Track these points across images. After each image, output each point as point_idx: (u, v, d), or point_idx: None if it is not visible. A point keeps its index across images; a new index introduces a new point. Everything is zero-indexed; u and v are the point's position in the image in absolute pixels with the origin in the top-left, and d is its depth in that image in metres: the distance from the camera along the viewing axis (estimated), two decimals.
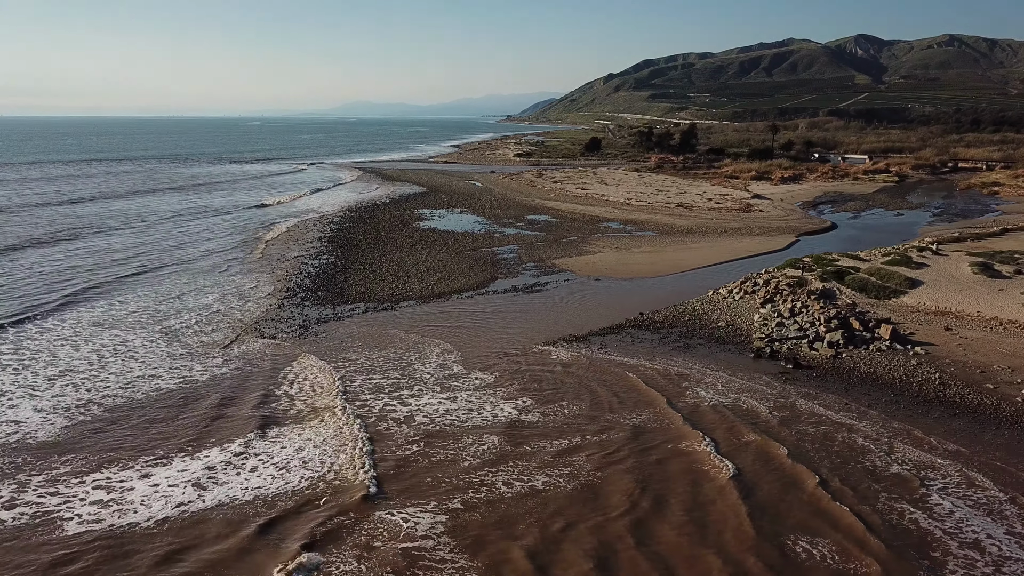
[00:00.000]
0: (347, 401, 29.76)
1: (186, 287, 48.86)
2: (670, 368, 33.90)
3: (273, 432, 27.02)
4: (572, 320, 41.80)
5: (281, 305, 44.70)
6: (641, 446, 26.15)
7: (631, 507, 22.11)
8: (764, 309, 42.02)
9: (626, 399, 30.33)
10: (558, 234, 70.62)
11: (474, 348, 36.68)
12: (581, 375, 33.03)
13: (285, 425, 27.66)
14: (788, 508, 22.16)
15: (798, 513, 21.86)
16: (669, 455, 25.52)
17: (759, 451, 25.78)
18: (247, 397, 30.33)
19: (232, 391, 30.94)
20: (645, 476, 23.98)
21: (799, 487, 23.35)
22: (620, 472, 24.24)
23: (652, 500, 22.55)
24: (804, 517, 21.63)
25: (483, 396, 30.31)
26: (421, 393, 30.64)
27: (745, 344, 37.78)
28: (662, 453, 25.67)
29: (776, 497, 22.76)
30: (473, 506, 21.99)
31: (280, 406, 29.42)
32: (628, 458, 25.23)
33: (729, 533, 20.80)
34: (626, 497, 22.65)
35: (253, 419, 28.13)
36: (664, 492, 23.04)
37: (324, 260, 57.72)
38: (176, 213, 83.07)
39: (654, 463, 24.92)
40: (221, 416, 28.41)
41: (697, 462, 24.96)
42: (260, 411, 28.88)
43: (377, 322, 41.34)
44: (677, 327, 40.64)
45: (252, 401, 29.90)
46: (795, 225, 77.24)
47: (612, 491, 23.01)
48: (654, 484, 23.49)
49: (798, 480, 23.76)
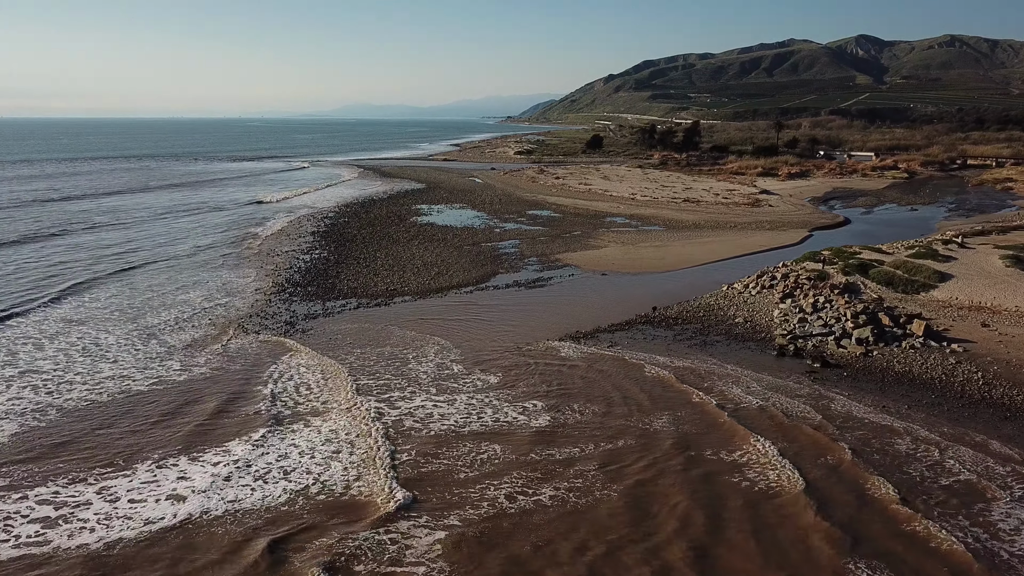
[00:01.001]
0: (323, 412, 26.99)
1: (170, 283, 46.14)
2: (692, 366, 31.13)
3: (252, 438, 24.27)
4: (579, 316, 39.05)
5: (268, 301, 41.97)
6: (680, 453, 23.21)
7: (681, 527, 19.06)
8: (784, 304, 39.27)
9: (656, 398, 27.56)
10: (561, 229, 67.88)
11: (474, 345, 33.92)
12: (595, 374, 30.24)
13: (265, 430, 24.89)
14: (871, 527, 19.13)
15: (884, 534, 18.80)
16: (716, 463, 22.59)
17: (822, 458, 22.95)
18: (224, 399, 27.58)
19: (209, 393, 28.19)
20: (693, 488, 21.01)
21: (876, 501, 20.40)
22: (662, 484, 21.26)
23: (707, 518, 19.52)
24: (893, 541, 18.51)
25: (485, 398, 27.53)
26: (414, 395, 27.85)
27: (766, 341, 35.02)
28: (707, 461, 22.73)
29: (854, 514, 19.73)
30: (473, 523, 19.22)
31: (261, 409, 26.66)
32: (667, 468, 22.25)
33: (824, 564, 17.61)
34: (674, 515, 19.65)
35: (230, 423, 25.41)
36: (720, 508, 20.01)
37: (316, 255, 54.99)
38: (168, 210, 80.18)
39: (699, 473, 21.96)
40: (194, 420, 25.66)
41: (753, 471, 22.09)
42: (238, 414, 26.14)
43: (370, 318, 38.58)
44: (692, 323, 37.89)
45: (230, 403, 27.15)
46: (807, 220, 74.49)
47: (657, 508, 20.04)
48: (706, 498, 20.49)
49: (872, 492, 20.85)
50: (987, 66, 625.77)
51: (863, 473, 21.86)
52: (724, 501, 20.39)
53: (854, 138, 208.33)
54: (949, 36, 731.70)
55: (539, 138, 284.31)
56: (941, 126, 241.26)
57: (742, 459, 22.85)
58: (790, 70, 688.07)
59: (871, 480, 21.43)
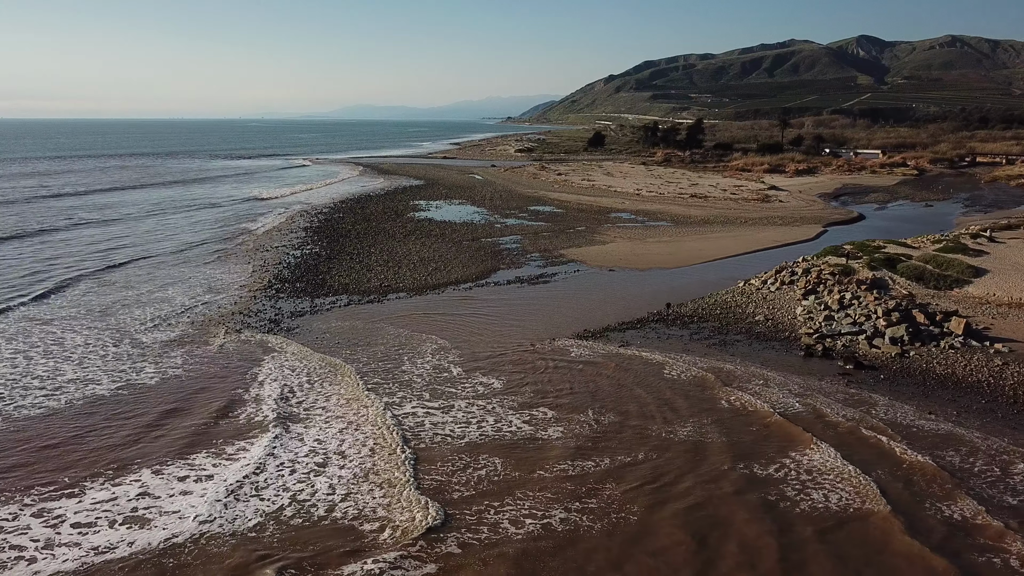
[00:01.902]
0: (305, 419, 24.20)
1: (151, 281, 43.37)
2: (715, 367, 28.34)
3: (225, 450, 21.51)
4: (587, 314, 36.28)
5: (254, 298, 39.21)
6: (729, 467, 20.31)
7: (749, 560, 16.08)
8: (807, 301, 36.49)
9: (685, 402, 24.79)
10: (564, 224, 65.13)
11: (475, 345, 31.14)
12: (610, 376, 27.44)
13: (239, 441, 22.14)
14: (978, 556, 16.32)
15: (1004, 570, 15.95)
16: (775, 478, 19.73)
17: (893, 470, 20.22)
18: (197, 404, 24.83)
19: (181, 398, 25.42)
20: (754, 510, 18.09)
21: (971, 523, 17.59)
22: (716, 506, 18.31)
23: (780, 548, 16.49)
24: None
25: (486, 405, 24.70)
26: (405, 401, 25.05)
27: (790, 341, 32.24)
28: (764, 475, 19.86)
29: (956, 540, 16.94)
30: (472, 547, 16.45)
31: (237, 415, 23.90)
32: (718, 485, 19.28)
33: None
34: (739, 545, 16.63)
35: (202, 432, 22.66)
36: (793, 534, 17.05)
37: (308, 250, 52.22)
38: (160, 207, 77.13)
39: (758, 490, 19.08)
40: (162, 429, 22.90)
41: (821, 485, 19.28)
42: (211, 422, 23.38)
43: (361, 315, 35.79)
44: (708, 321, 35.12)
45: (202, 410, 24.39)
46: (820, 215, 71.73)
47: (716, 537, 17.00)
48: (774, 521, 17.55)
49: (963, 511, 18.10)
50: (988, 66, 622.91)
51: (945, 488, 19.13)
52: (794, 525, 17.51)
53: (858, 136, 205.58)
54: (950, 36, 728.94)
55: (540, 137, 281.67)
56: (947, 124, 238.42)
57: (804, 472, 20.03)
58: (791, 70, 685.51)
59: (956, 496, 18.68)
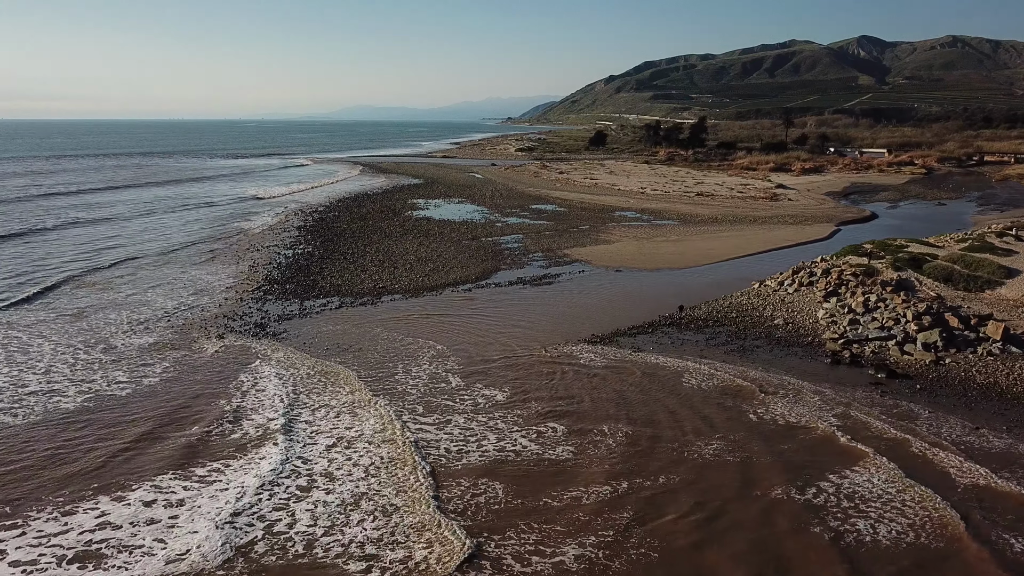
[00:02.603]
0: (288, 432, 21.94)
1: (133, 282, 41.13)
2: (738, 375, 26.07)
3: (195, 472, 19.26)
4: (594, 317, 34.01)
5: (240, 300, 36.94)
6: (783, 495, 17.96)
7: None
8: (829, 303, 34.23)
9: (714, 415, 22.58)
10: (568, 223, 62.86)
11: (475, 351, 28.87)
12: (626, 385, 25.16)
13: (214, 460, 19.89)
14: None
15: None
16: (845, 504, 17.44)
17: (969, 492, 18.13)
18: (170, 418, 22.57)
19: (153, 410, 23.16)
20: (832, 548, 15.81)
21: None
22: (783, 542, 16.09)
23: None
24: None
25: (487, 420, 22.39)
26: (397, 415, 22.76)
27: (814, 347, 29.97)
28: (833, 504, 17.50)
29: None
30: None
31: (211, 433, 21.63)
32: (778, 518, 16.95)
33: None
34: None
35: (172, 452, 20.41)
36: None
37: (300, 250, 49.95)
38: (155, 206, 74.32)
39: (830, 521, 16.78)
40: (129, 447, 20.64)
41: (902, 513, 17.08)
42: (183, 437, 21.12)
43: (353, 319, 33.51)
44: (724, 325, 32.85)
45: (174, 426, 22.13)
46: (831, 214, 69.46)
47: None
48: (859, 563, 15.24)
49: None
50: (990, 67, 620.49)
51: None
52: (876, 565, 15.23)
53: (862, 136, 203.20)
54: (951, 37, 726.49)
55: (540, 137, 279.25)
56: (951, 124, 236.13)
57: (868, 496, 17.79)
58: (792, 71, 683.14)
59: None
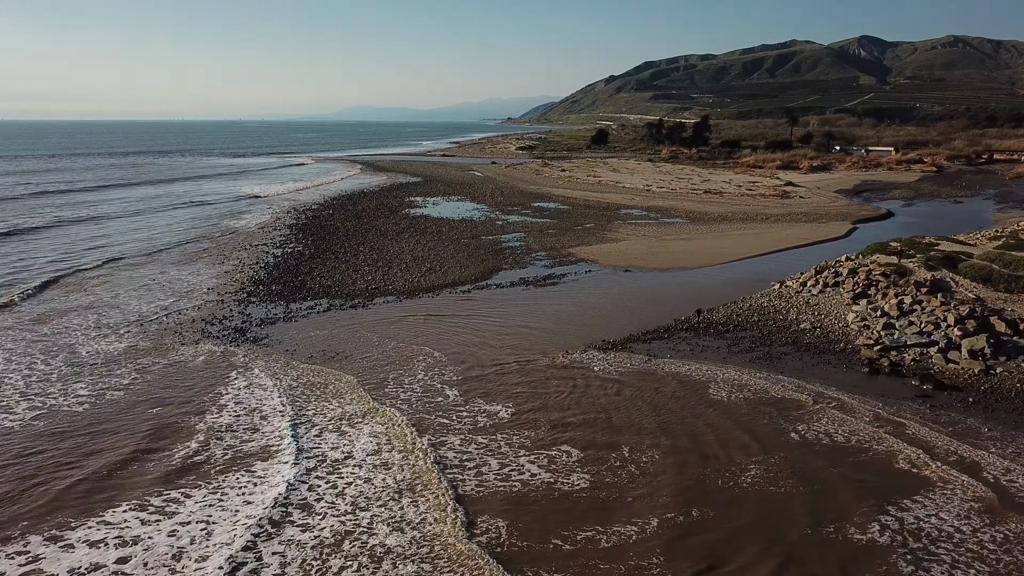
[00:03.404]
0: (266, 458, 19.24)
1: (109, 284, 38.51)
2: (770, 386, 23.37)
3: (151, 502, 16.59)
4: (604, 321, 31.32)
5: (221, 302, 34.27)
6: (871, 534, 15.43)
7: None
8: (858, 306, 31.53)
9: (756, 434, 19.95)
10: (571, 221, 60.16)
11: (475, 359, 26.19)
12: (647, 398, 22.56)
13: (173, 490, 17.21)
14: None
15: None
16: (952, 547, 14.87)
17: None
18: (129, 439, 19.92)
19: (112, 429, 20.52)
20: None
21: None
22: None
23: None
24: None
25: (489, 442, 19.67)
26: None
27: (847, 353, 27.27)
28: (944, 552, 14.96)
29: None
30: None
31: (175, 455, 18.97)
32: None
33: None
34: None
35: (129, 478, 17.77)
36: None
37: (290, 249, 47.27)
38: (147, 205, 71.32)
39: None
40: (78, 472, 18.00)
41: None
42: (141, 464, 18.45)
43: (342, 322, 30.82)
44: (746, 330, 30.15)
45: (135, 446, 19.47)
46: (845, 212, 66.76)
47: None
48: None
49: None
50: (991, 67, 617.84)
51: None
52: None
53: (867, 134, 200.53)
54: (952, 37, 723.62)
55: (541, 136, 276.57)
56: (956, 123, 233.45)
57: (981, 536, 15.15)
58: (792, 71, 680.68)
59: None
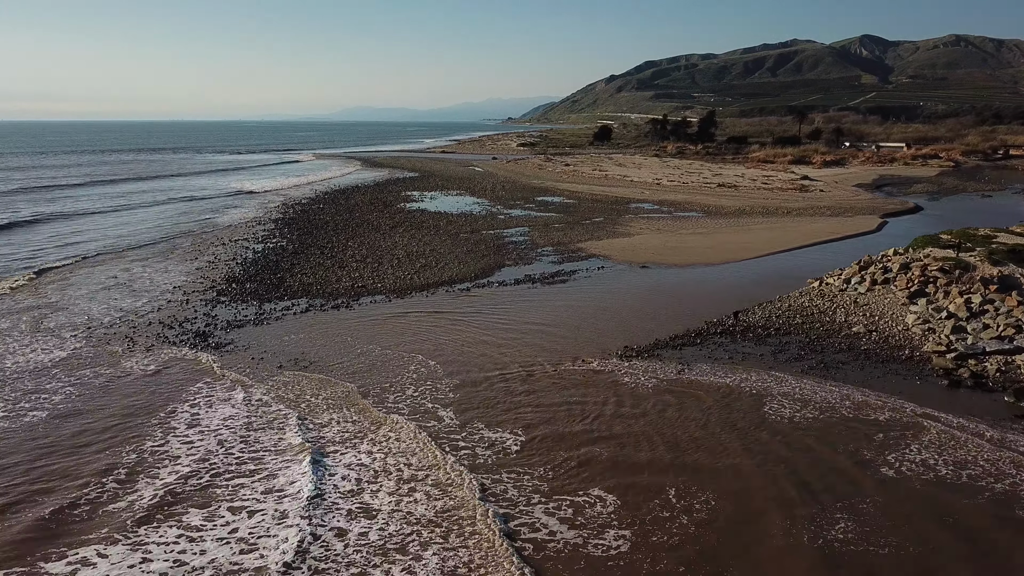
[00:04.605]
0: (204, 504, 15.06)
1: (62, 284, 34.36)
2: (843, 402, 19.17)
3: (67, 555, 12.43)
4: (623, 324, 27.14)
5: (186, 301, 30.12)
6: None
7: None
8: (917, 306, 27.35)
9: (843, 466, 15.63)
10: (579, 215, 55.99)
11: (474, 371, 21.99)
12: (687, 419, 18.30)
13: (80, 548, 13.05)
14: None
15: None
16: None
17: None
18: (41, 472, 15.74)
19: (25, 461, 16.34)
20: None
21: None
22: None
23: None
24: None
25: (494, 485, 15.42)
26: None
27: (916, 362, 23.06)
28: None
29: None
30: None
31: (94, 497, 14.80)
32: None
33: None
34: None
35: (32, 528, 13.59)
36: None
37: (272, 244, 43.12)
38: (131, 201, 66.56)
39: None
40: None
41: None
42: (51, 508, 14.28)
43: (320, 325, 26.63)
44: (790, 334, 25.95)
45: (47, 484, 15.28)
46: (871, 205, 62.59)
47: None
48: None
49: None
50: (994, 65, 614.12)
51: None
52: None
53: (875, 131, 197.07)
54: (954, 36, 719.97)
55: (543, 134, 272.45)
56: (966, 120, 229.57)
57: None
58: (794, 70, 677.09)
59: None
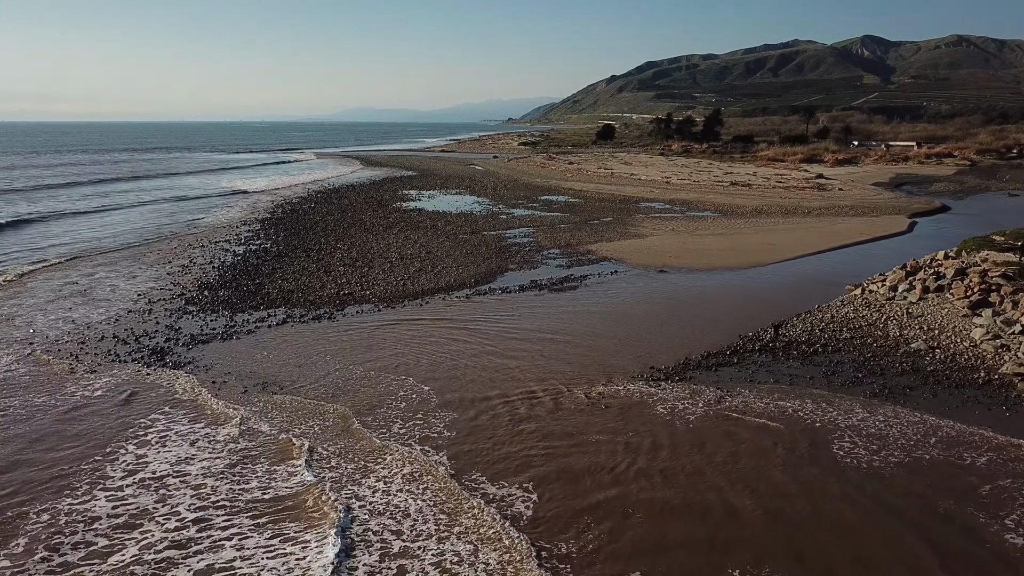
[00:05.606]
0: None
1: (14, 292, 30.91)
2: (937, 440, 15.66)
3: None
4: (645, 338, 23.61)
5: (148, 312, 26.61)
6: None
7: None
8: (982, 318, 23.84)
9: (955, 529, 12.10)
10: (586, 215, 52.46)
11: (475, 398, 18.48)
12: (747, 464, 14.81)
13: None
14: None
15: None
16: None
17: None
18: None
19: None
20: None
21: None
22: None
23: None
24: None
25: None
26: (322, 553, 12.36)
27: (996, 387, 19.53)
28: None
29: None
30: None
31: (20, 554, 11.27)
32: None
33: None
34: None
35: None
36: None
37: (255, 246, 39.60)
38: (112, 202, 62.22)
39: None
40: None
41: None
42: None
43: (296, 339, 23.10)
44: (840, 351, 22.39)
45: None
46: (895, 205, 59.07)
47: None
48: None
49: None
50: (996, 66, 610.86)
51: None
52: None
53: (882, 130, 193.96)
54: (956, 36, 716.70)
55: (544, 133, 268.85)
56: (974, 119, 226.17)
57: None
58: (795, 70, 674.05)
59: None
